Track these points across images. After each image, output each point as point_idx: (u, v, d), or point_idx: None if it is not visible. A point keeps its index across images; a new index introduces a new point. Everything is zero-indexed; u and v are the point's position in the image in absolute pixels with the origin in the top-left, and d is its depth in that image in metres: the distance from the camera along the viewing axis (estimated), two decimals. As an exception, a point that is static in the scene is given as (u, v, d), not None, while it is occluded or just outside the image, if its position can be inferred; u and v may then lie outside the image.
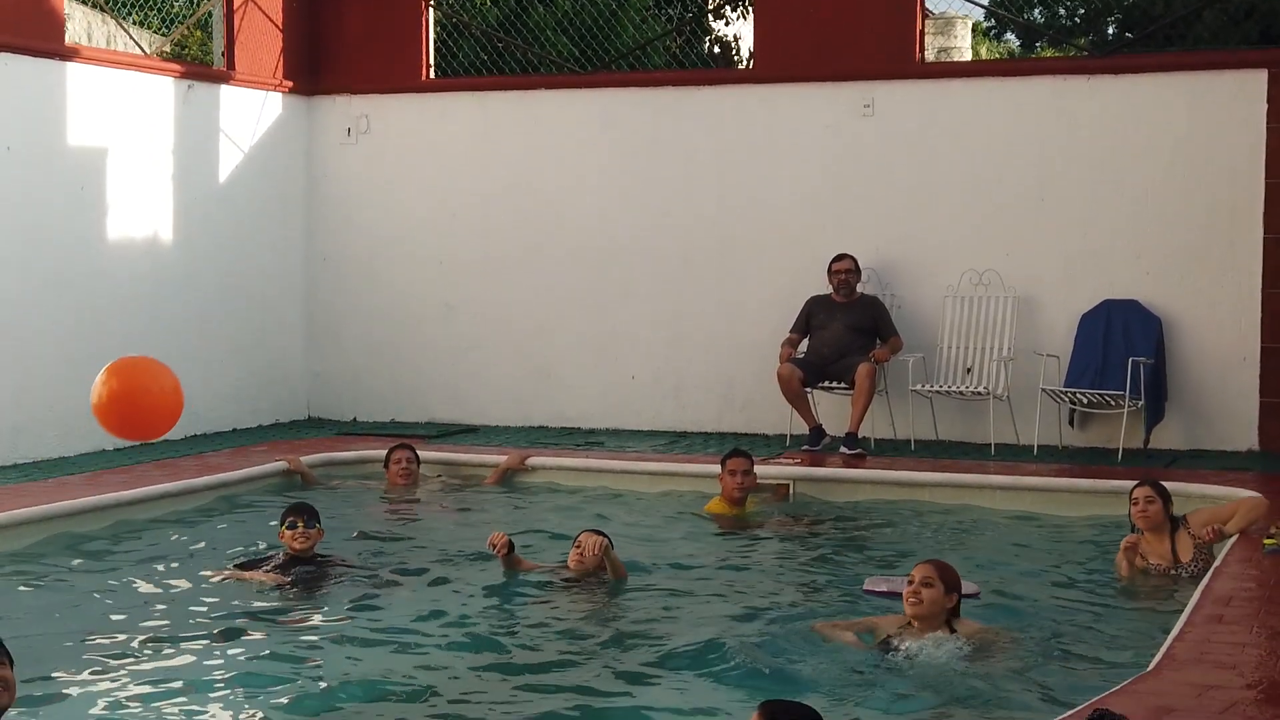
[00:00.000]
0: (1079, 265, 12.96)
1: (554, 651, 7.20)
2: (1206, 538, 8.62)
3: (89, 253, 12.84)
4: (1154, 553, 8.63)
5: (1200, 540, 8.60)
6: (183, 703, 6.41)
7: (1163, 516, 8.66)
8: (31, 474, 11.47)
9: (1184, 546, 8.64)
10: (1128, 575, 8.57)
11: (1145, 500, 8.69)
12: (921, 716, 6.21)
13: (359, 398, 15.18)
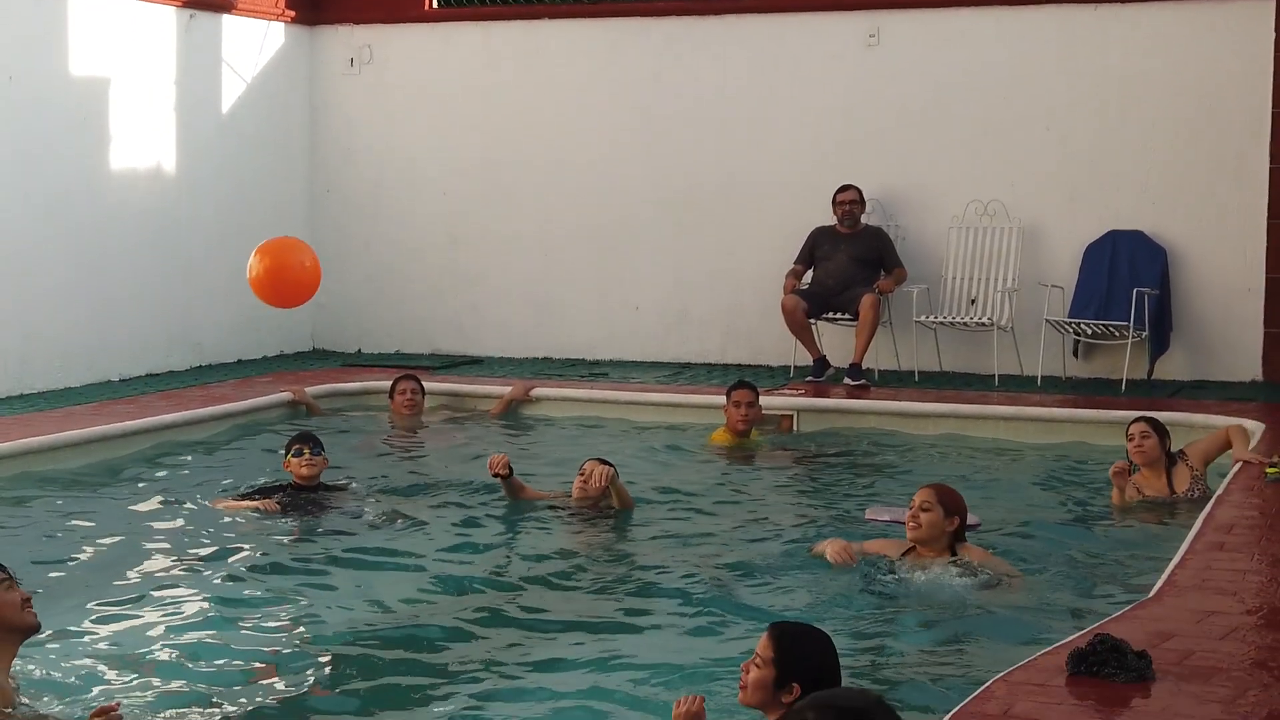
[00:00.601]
0: (1084, 195, 12.91)
1: (558, 580, 7.24)
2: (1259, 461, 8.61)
3: (91, 183, 12.80)
4: (1150, 487, 8.65)
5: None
6: (184, 632, 6.46)
7: (1158, 452, 8.67)
8: (37, 404, 11.50)
9: (1181, 480, 8.66)
10: (1120, 502, 8.59)
11: (1141, 436, 8.69)
12: (921, 639, 6.26)
13: (363, 329, 15.18)
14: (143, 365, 13.23)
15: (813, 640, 4.74)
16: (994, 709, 4.71)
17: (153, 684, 5.65)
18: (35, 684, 5.41)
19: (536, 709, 5.44)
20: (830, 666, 4.67)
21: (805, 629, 4.84)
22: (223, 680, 5.76)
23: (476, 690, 5.65)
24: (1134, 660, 4.98)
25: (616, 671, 5.87)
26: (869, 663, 5.90)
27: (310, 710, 5.49)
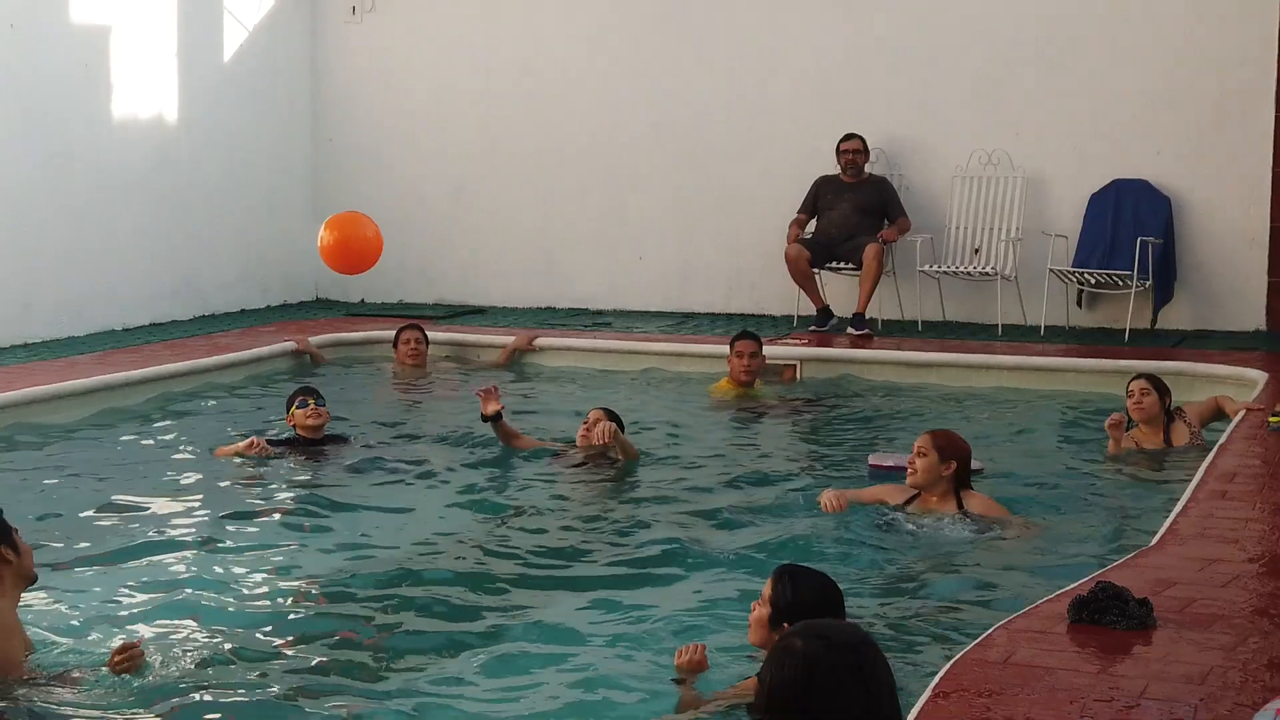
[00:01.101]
0: (1089, 145, 12.87)
1: (560, 530, 7.25)
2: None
3: (94, 133, 12.78)
4: (1148, 443, 8.64)
5: None
6: (185, 580, 6.48)
7: (1157, 409, 8.65)
8: (41, 353, 11.52)
9: (1179, 437, 8.66)
10: (1116, 453, 8.60)
11: (1140, 392, 8.69)
12: (922, 586, 6.28)
13: (366, 279, 15.06)
14: (146, 314, 13.24)
15: (810, 583, 4.80)
16: (995, 656, 4.73)
17: (152, 630, 5.68)
18: (38, 632, 5.43)
19: (538, 659, 5.46)
20: (827, 609, 4.71)
21: (806, 572, 4.89)
22: (223, 625, 5.79)
23: (476, 640, 5.66)
24: (1135, 608, 5.01)
25: (619, 621, 5.89)
26: (870, 609, 5.92)
27: (308, 654, 5.51)
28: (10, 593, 5.09)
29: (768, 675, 3.05)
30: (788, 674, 2.99)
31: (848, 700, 2.96)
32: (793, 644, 3.04)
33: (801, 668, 2.99)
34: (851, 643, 3.06)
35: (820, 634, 3.06)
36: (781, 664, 3.02)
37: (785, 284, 12.98)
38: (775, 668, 3.04)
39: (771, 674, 3.04)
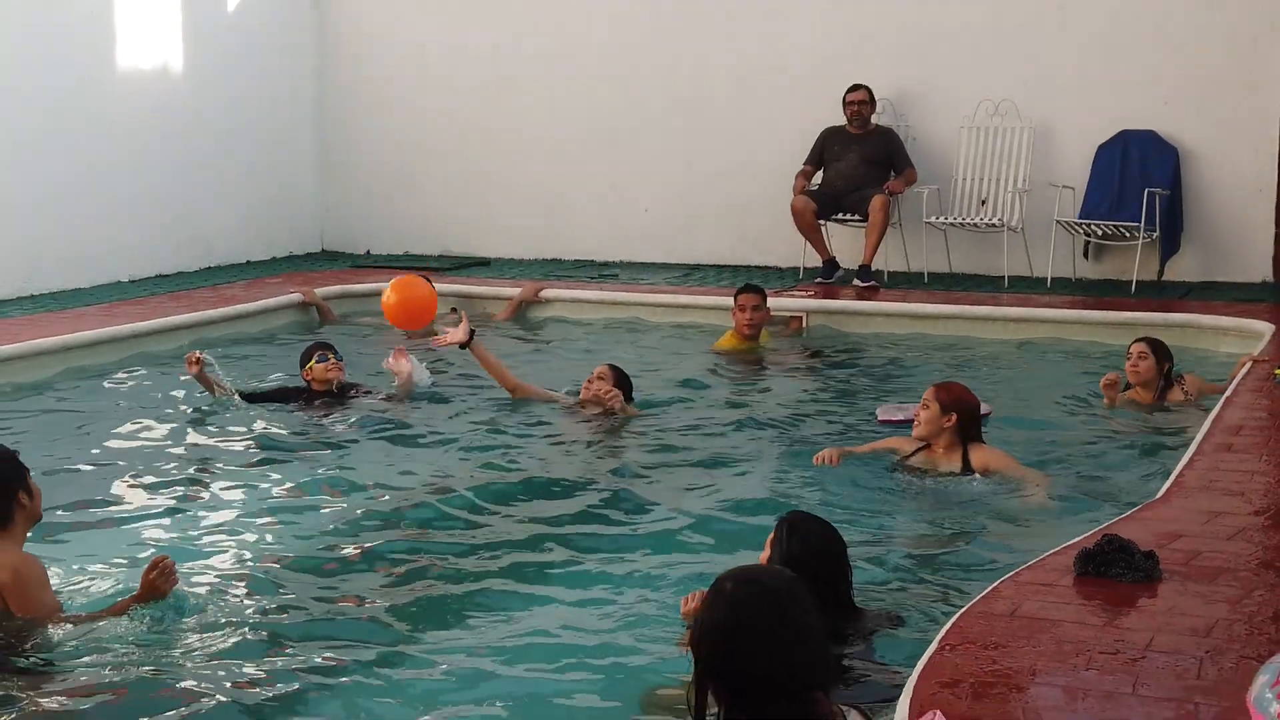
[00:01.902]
0: (1096, 95, 12.80)
1: (564, 482, 7.25)
2: None
3: (98, 83, 12.75)
4: (1142, 408, 8.64)
5: None
6: (203, 527, 6.55)
7: (1153, 374, 8.63)
8: (48, 305, 11.53)
9: (1174, 403, 8.65)
10: (1109, 406, 8.62)
11: (1138, 355, 8.67)
12: (928, 538, 6.31)
13: (372, 230, 15.17)
14: (152, 266, 13.25)
15: (811, 531, 4.85)
16: (1002, 608, 4.75)
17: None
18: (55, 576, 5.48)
19: (544, 610, 5.49)
20: (828, 557, 4.77)
21: (808, 520, 4.94)
22: (231, 574, 5.84)
23: (480, 592, 5.69)
24: (1142, 560, 5.03)
25: (623, 572, 5.91)
26: (876, 560, 5.94)
27: (307, 610, 5.54)
28: (21, 537, 5.14)
29: (700, 615, 3.11)
30: (717, 616, 3.05)
31: (771, 642, 3.01)
32: (723, 587, 3.10)
33: (729, 609, 3.04)
34: (778, 587, 3.11)
35: (750, 578, 3.12)
36: (712, 606, 3.08)
37: (791, 235, 12.96)
38: (706, 609, 3.10)
39: (703, 615, 3.10)
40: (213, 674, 4.84)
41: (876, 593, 5.50)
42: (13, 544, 5.12)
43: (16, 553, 5.15)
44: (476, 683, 4.88)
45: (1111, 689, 4.13)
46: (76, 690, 4.73)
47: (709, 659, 3.09)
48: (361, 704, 4.72)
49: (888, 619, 5.12)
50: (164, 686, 4.75)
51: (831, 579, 4.83)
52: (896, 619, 5.14)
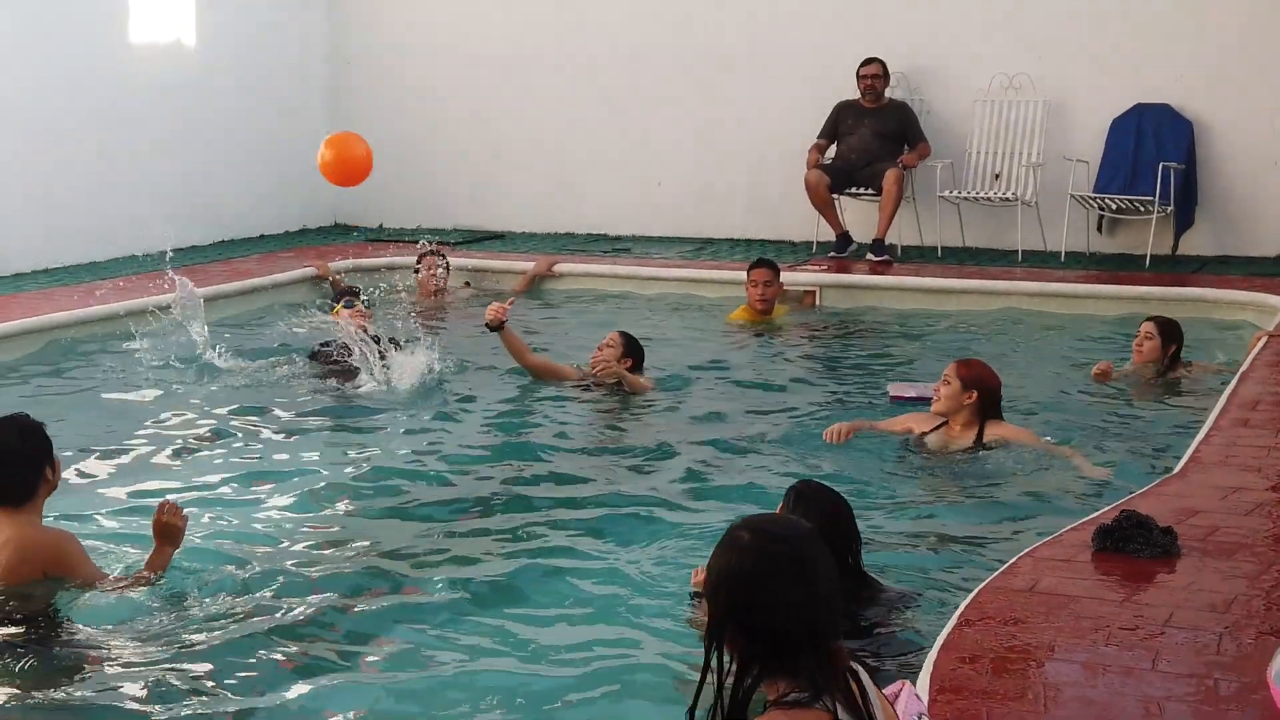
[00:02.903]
0: (1110, 68, 12.76)
1: (576, 455, 7.27)
2: None
3: (111, 57, 12.75)
4: (1143, 385, 8.63)
5: None
6: (229, 490, 6.63)
7: (1156, 355, 8.63)
8: (63, 279, 11.56)
9: (1183, 376, 8.64)
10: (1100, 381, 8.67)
11: (1144, 335, 8.68)
12: (944, 513, 6.30)
13: (385, 204, 15.16)
14: (166, 240, 13.21)
15: (819, 500, 4.87)
16: (1020, 584, 4.77)
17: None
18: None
19: (557, 582, 5.50)
20: (837, 526, 4.79)
21: (818, 489, 4.96)
22: (243, 540, 5.88)
23: (496, 565, 5.70)
24: (1159, 536, 5.04)
25: (635, 544, 5.91)
26: (892, 534, 5.95)
27: (310, 569, 5.59)
28: (41, 509, 5.20)
29: (715, 564, 3.09)
30: (733, 564, 3.04)
31: (789, 592, 3.00)
32: (739, 536, 3.09)
33: (745, 558, 3.03)
34: (795, 535, 3.10)
35: (765, 528, 3.11)
36: (728, 555, 3.07)
37: (805, 209, 12.94)
38: (722, 558, 3.08)
39: (718, 564, 3.08)
40: (217, 658, 4.84)
41: (891, 567, 5.50)
42: (36, 517, 5.16)
43: (50, 528, 5.23)
44: (481, 661, 4.88)
45: (1131, 664, 4.15)
46: (117, 659, 4.79)
47: (727, 609, 3.06)
48: (372, 683, 4.74)
49: (900, 595, 5.13)
50: (186, 660, 4.78)
51: (839, 547, 4.84)
52: (912, 595, 5.15)
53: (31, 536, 5.08)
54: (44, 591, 5.04)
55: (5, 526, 5.06)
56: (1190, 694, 3.96)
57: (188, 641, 4.90)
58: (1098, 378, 8.62)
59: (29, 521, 5.13)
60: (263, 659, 4.81)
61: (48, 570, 5.06)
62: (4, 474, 5.08)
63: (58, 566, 5.08)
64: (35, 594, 5.01)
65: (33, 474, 5.11)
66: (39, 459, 5.15)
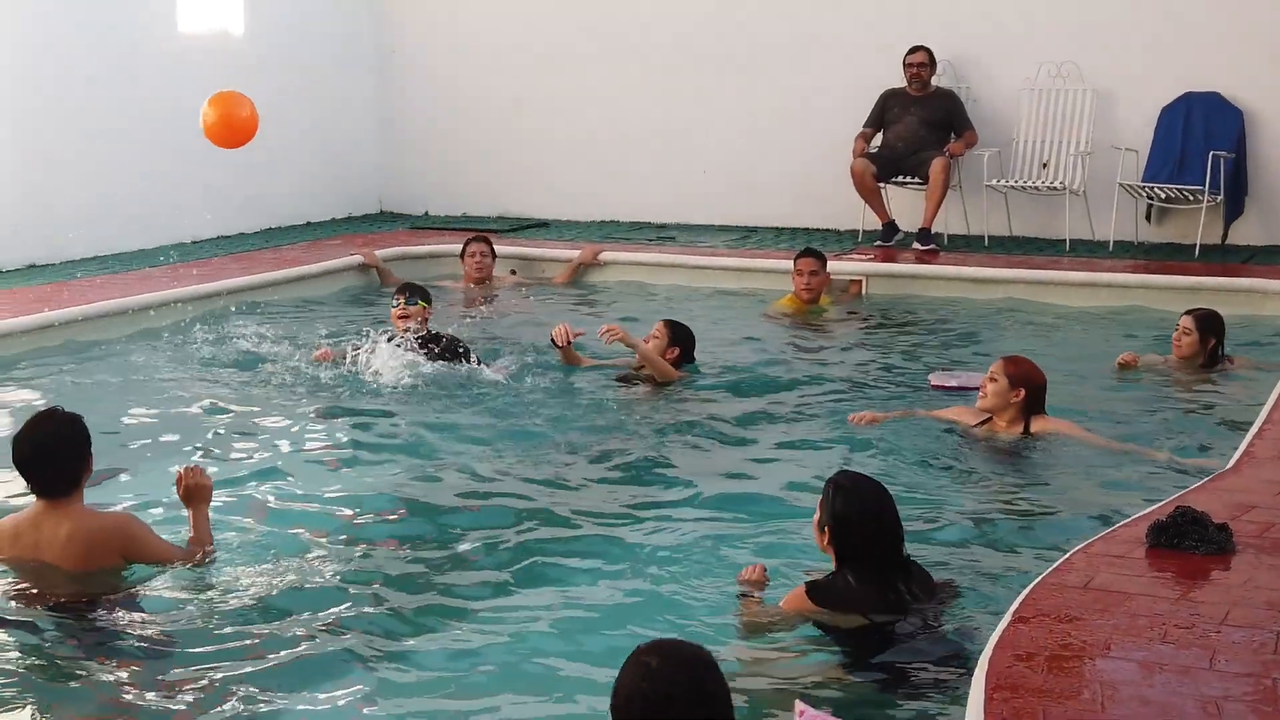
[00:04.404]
0: (1159, 56, 12.65)
1: (619, 447, 7.23)
2: None
3: (160, 47, 12.81)
4: (1182, 379, 8.58)
5: None
6: (270, 476, 6.69)
7: (1194, 350, 8.57)
8: (114, 267, 11.63)
9: (1227, 371, 8.57)
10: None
11: (1183, 331, 8.62)
12: (995, 508, 6.28)
13: (430, 191, 15.21)
14: (214, 227, 13.33)
15: (859, 491, 4.88)
16: (1075, 580, 4.76)
17: (229, 531, 5.82)
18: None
19: (596, 577, 5.50)
20: (872, 515, 4.82)
21: (854, 481, 4.97)
22: (276, 537, 5.90)
23: (526, 562, 5.68)
24: (1215, 533, 5.02)
25: (677, 537, 5.90)
26: (944, 529, 5.93)
27: (352, 559, 5.63)
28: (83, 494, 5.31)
29: (620, 684, 3.35)
30: (638, 687, 3.31)
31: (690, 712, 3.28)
32: (644, 660, 3.34)
33: (649, 680, 3.30)
34: (695, 658, 3.37)
35: (669, 652, 3.38)
36: (632, 675, 3.33)
37: (850, 198, 12.90)
38: (627, 677, 3.34)
39: (622, 683, 3.34)
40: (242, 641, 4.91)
41: (937, 561, 5.50)
42: (84, 504, 5.27)
43: (109, 513, 5.40)
44: (520, 649, 4.91)
45: (1188, 663, 4.13)
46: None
47: None
48: (410, 667, 4.77)
49: (947, 586, 5.12)
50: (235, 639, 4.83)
51: (880, 537, 4.85)
52: (955, 590, 5.14)
53: (97, 524, 5.23)
54: (118, 576, 5.19)
55: (63, 519, 5.18)
56: (1249, 694, 3.94)
57: (230, 626, 4.98)
58: (1121, 368, 8.58)
59: (84, 510, 5.26)
60: (309, 646, 4.87)
61: (125, 555, 5.22)
62: (54, 465, 5.20)
63: (131, 549, 5.22)
64: (110, 579, 5.15)
65: (79, 463, 5.24)
66: (85, 449, 5.28)
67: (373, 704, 4.53)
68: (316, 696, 4.57)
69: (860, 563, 4.82)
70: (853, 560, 4.82)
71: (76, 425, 5.28)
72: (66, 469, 5.19)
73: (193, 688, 4.58)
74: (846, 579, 4.81)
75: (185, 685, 4.60)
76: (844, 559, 4.84)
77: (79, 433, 5.27)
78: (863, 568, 4.81)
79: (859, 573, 4.80)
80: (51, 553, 5.14)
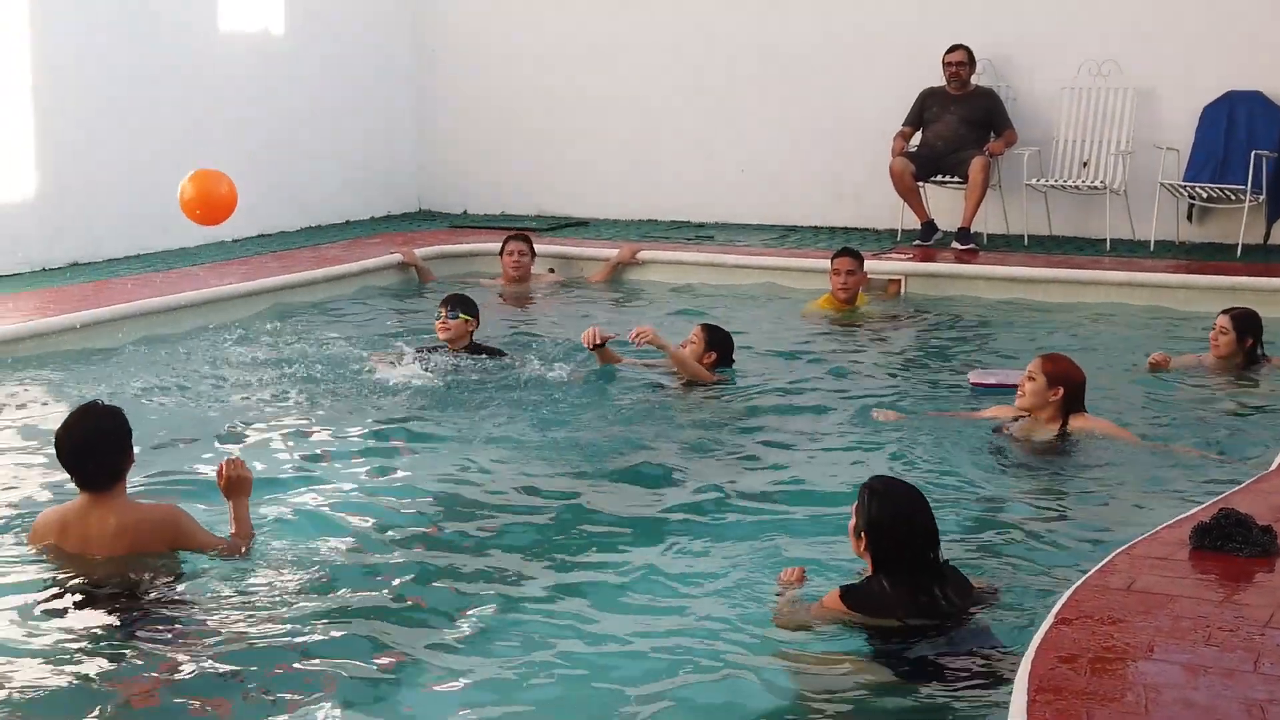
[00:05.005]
0: (1202, 55, 12.58)
1: (658, 447, 7.22)
2: None
3: (201, 46, 12.88)
4: (1220, 378, 8.52)
5: None
6: (309, 472, 6.74)
7: (1232, 349, 8.51)
8: (155, 265, 11.70)
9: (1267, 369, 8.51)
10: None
11: (1219, 329, 8.57)
12: (1035, 508, 6.26)
13: (469, 190, 15.25)
14: (254, 225, 13.39)
15: (888, 496, 4.87)
16: (1117, 582, 4.74)
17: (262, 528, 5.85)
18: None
19: (641, 579, 5.48)
20: (906, 521, 4.82)
21: (889, 486, 4.96)
22: (313, 532, 5.93)
23: (580, 559, 5.71)
24: (1259, 535, 4.99)
25: (714, 539, 5.89)
26: (978, 529, 5.91)
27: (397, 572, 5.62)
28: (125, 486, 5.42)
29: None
30: None
31: None
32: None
33: None
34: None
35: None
36: None
37: (889, 197, 12.88)
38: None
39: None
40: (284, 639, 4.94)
41: (977, 562, 5.49)
42: (125, 495, 5.37)
43: (155, 504, 5.52)
44: (553, 648, 4.90)
45: (1232, 666, 4.11)
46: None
47: None
48: (444, 664, 4.79)
49: (986, 593, 5.09)
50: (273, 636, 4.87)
51: (913, 541, 4.84)
52: (994, 591, 5.12)
53: (145, 515, 5.35)
54: (166, 563, 5.29)
55: (109, 511, 5.27)
56: (1294, 697, 3.92)
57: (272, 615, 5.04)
58: (1152, 368, 8.54)
59: (130, 502, 5.39)
60: (353, 637, 4.91)
61: (172, 545, 5.33)
62: (96, 459, 5.29)
63: (179, 539, 5.34)
64: (157, 566, 5.26)
65: (120, 456, 5.33)
66: (128, 441, 5.37)
67: (405, 699, 4.55)
68: (351, 688, 4.60)
69: (894, 567, 4.81)
70: (887, 565, 4.82)
71: (117, 418, 5.37)
72: (108, 462, 5.28)
73: (230, 675, 4.65)
74: (881, 584, 4.81)
75: (225, 673, 4.67)
76: (879, 564, 4.83)
77: (119, 426, 5.36)
78: (897, 572, 4.80)
79: (893, 577, 4.80)
80: (99, 544, 5.24)
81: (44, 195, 11.56)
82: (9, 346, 8.99)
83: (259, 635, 4.91)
